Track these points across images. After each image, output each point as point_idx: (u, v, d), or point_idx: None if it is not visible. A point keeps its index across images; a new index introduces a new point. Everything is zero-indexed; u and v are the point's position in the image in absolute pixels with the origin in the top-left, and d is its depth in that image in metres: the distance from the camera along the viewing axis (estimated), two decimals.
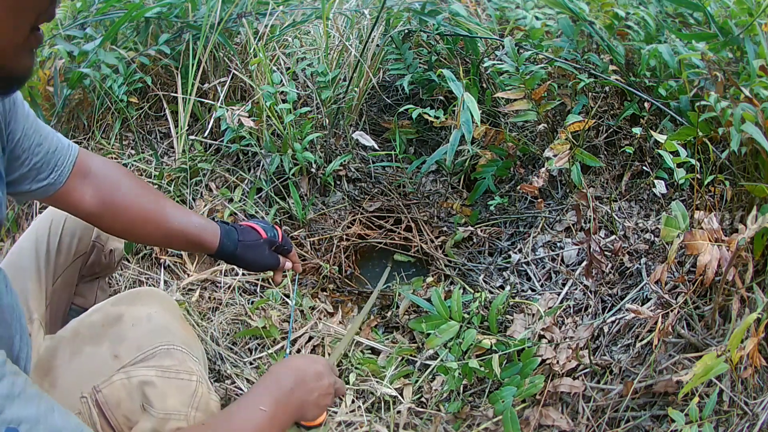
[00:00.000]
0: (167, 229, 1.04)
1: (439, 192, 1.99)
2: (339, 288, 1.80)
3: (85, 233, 1.15)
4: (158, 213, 1.04)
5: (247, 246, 1.11)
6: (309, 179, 1.93)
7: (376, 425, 1.28)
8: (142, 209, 1.03)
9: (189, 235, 1.05)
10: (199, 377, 0.88)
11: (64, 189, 0.95)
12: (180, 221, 1.05)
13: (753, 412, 1.05)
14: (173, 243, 1.10)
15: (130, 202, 1.02)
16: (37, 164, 0.90)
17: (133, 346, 0.89)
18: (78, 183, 0.97)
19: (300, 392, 0.94)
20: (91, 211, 0.99)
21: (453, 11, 1.85)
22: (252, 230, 1.14)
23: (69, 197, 0.97)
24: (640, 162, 1.66)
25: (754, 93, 1.22)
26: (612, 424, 1.16)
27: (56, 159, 0.94)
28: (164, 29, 2.04)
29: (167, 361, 0.87)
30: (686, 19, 1.71)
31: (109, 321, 0.93)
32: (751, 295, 1.13)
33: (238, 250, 1.09)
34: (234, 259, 1.11)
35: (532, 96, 1.60)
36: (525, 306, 1.48)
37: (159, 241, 1.18)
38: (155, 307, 0.95)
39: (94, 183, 0.99)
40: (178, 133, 1.97)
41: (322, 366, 1.01)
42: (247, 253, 1.11)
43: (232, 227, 1.12)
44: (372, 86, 2.02)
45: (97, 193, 0.99)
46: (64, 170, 0.95)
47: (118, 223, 1.02)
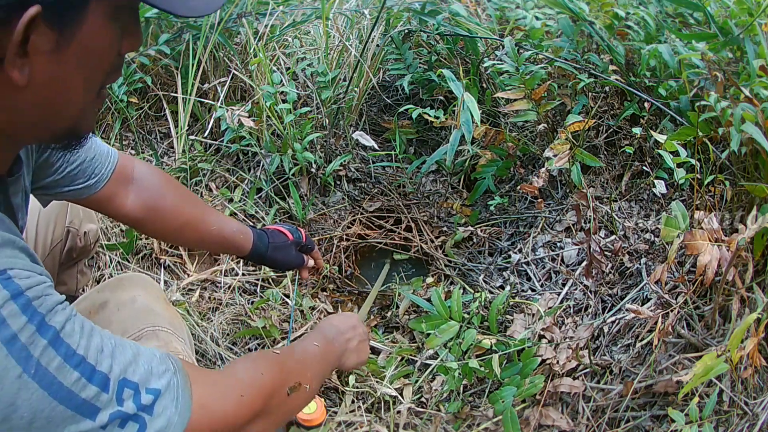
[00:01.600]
0: (206, 233, 1.11)
1: (439, 192, 1.99)
2: (339, 288, 1.80)
3: (59, 219, 1.15)
4: (198, 218, 1.10)
5: (277, 247, 1.21)
6: (309, 179, 1.93)
7: (376, 425, 1.28)
8: (183, 215, 1.08)
9: (226, 239, 1.13)
10: (185, 357, 0.90)
11: (103, 194, 0.97)
12: (218, 226, 1.12)
13: (753, 412, 1.05)
14: (209, 246, 1.18)
15: (172, 208, 1.06)
16: (72, 172, 0.90)
17: (119, 329, 0.91)
18: (119, 189, 0.99)
19: (340, 340, 1.08)
20: (133, 216, 1.02)
21: (453, 11, 1.85)
22: (279, 233, 1.24)
23: (109, 203, 0.99)
24: (640, 162, 1.66)
25: (754, 93, 1.22)
26: (612, 424, 1.16)
27: (93, 167, 0.94)
28: (164, 29, 2.04)
29: (153, 342, 0.90)
30: (686, 19, 1.71)
31: (95, 308, 0.95)
32: (751, 295, 1.13)
33: (269, 252, 1.19)
34: (264, 260, 1.20)
35: (532, 96, 1.60)
36: (525, 306, 1.48)
37: (196, 245, 1.28)
38: (138, 290, 0.97)
39: (136, 189, 1.02)
40: (178, 133, 1.97)
41: (356, 320, 1.16)
42: (277, 254, 1.21)
43: (262, 231, 1.22)
44: (372, 86, 2.02)
45: (139, 200, 1.02)
46: (102, 177, 0.96)
47: (159, 228, 1.07)
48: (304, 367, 0.90)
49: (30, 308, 0.53)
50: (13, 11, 0.50)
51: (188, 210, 1.09)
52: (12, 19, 0.50)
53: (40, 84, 0.55)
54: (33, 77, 0.54)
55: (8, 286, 0.52)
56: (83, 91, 0.60)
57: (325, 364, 1.00)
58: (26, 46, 0.52)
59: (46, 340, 0.54)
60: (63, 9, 0.53)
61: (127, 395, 0.59)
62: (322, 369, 0.99)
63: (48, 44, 0.53)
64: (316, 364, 0.96)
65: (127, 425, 0.59)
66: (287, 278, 1.70)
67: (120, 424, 0.58)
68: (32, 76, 0.54)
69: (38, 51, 0.53)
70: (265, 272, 1.73)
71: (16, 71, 0.53)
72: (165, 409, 0.62)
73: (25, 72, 0.53)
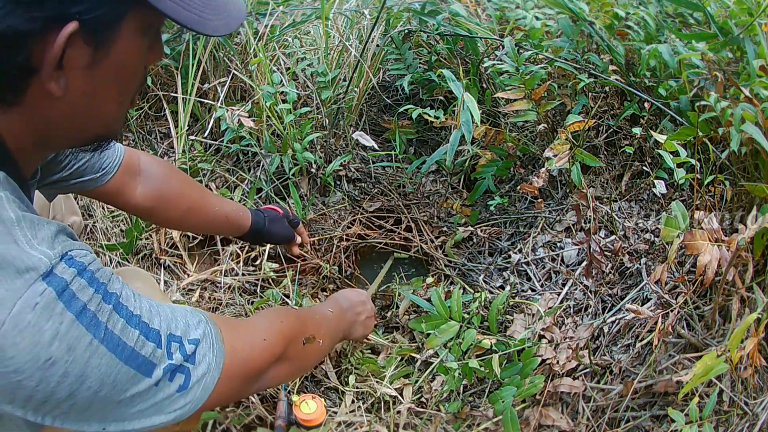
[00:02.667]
0: (210, 214, 1.20)
1: (439, 192, 1.99)
2: (339, 288, 1.80)
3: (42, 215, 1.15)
4: (201, 201, 1.19)
5: (272, 220, 1.34)
6: (309, 179, 1.93)
7: (376, 425, 1.28)
8: (189, 200, 1.17)
9: (228, 217, 1.23)
10: None
11: (112, 186, 1.03)
12: (221, 207, 1.22)
13: (753, 412, 1.05)
14: (214, 226, 1.26)
15: (177, 194, 1.14)
16: (80, 168, 0.95)
17: None
18: (128, 180, 1.05)
19: (352, 312, 1.23)
20: (143, 206, 1.09)
21: (453, 11, 1.85)
22: (270, 209, 1.39)
23: (119, 194, 1.05)
24: (640, 162, 1.66)
25: (754, 93, 1.22)
26: (612, 424, 1.16)
27: (102, 161, 1.00)
28: (164, 29, 2.03)
29: None
30: (686, 19, 1.71)
31: None
32: (751, 295, 1.13)
33: (266, 224, 1.32)
34: (262, 233, 1.31)
35: (532, 96, 1.60)
36: (525, 306, 1.48)
37: (202, 228, 1.37)
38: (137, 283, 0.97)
39: (144, 180, 1.08)
40: (178, 133, 1.97)
41: (366, 297, 1.31)
42: (273, 227, 1.33)
43: (256, 209, 1.35)
44: (372, 86, 2.02)
45: (148, 189, 1.09)
46: (110, 169, 1.01)
47: (167, 215, 1.14)
48: (318, 325, 0.99)
49: (95, 281, 0.59)
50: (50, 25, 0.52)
51: (192, 194, 1.18)
52: (48, 32, 0.52)
53: (76, 95, 0.58)
54: (69, 89, 0.56)
55: (73, 265, 0.57)
56: (117, 103, 0.63)
57: (336, 328, 1.11)
58: (62, 60, 0.54)
59: (111, 305, 0.59)
60: (99, 26, 0.55)
61: (174, 348, 0.64)
62: (334, 332, 1.09)
63: (84, 59, 0.56)
64: (329, 325, 1.06)
65: (175, 377, 0.64)
66: (287, 278, 1.71)
67: (170, 377, 0.64)
68: (68, 88, 0.56)
69: (74, 65, 0.55)
70: (265, 272, 1.73)
71: (53, 83, 0.55)
72: (204, 356, 0.68)
73: (61, 84, 0.56)
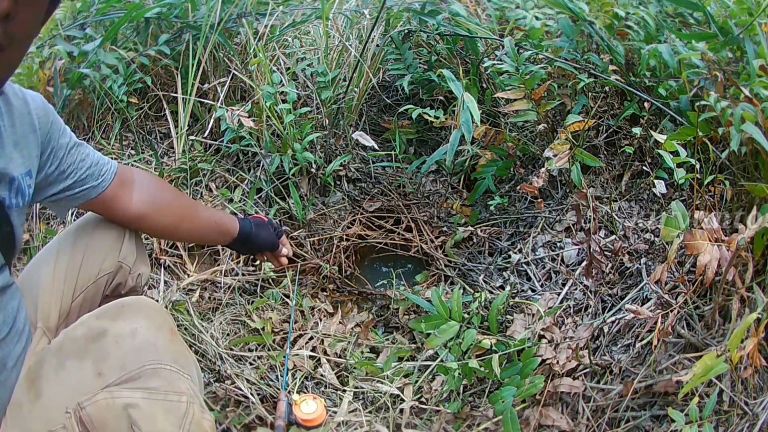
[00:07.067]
0: (200, 222, 1.25)
1: (439, 192, 1.99)
2: (339, 288, 1.80)
3: (111, 252, 1.13)
4: (191, 210, 1.24)
5: (258, 225, 1.37)
6: (309, 179, 1.93)
7: (376, 425, 1.28)
8: (181, 208, 1.22)
9: (218, 224, 1.28)
10: (189, 397, 0.84)
11: (109, 193, 1.08)
12: (210, 215, 1.28)
13: (753, 412, 1.05)
14: (205, 234, 1.29)
15: (168, 203, 1.19)
16: (82, 176, 1.03)
17: (117, 365, 0.84)
18: (123, 189, 1.10)
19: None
20: (138, 213, 1.12)
21: (453, 11, 1.85)
22: (255, 217, 1.42)
23: (115, 202, 1.10)
24: (640, 162, 1.66)
25: (754, 93, 1.22)
26: (612, 424, 1.16)
27: (100, 169, 1.06)
28: (164, 29, 2.04)
29: (154, 381, 0.83)
30: (686, 19, 1.71)
31: (92, 336, 0.87)
32: (751, 295, 1.13)
33: (254, 229, 1.34)
34: (250, 238, 1.33)
35: (532, 96, 1.60)
36: (525, 306, 1.48)
37: (193, 236, 1.39)
38: (141, 321, 0.89)
39: (138, 188, 1.13)
40: (178, 133, 1.97)
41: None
42: (260, 232, 1.36)
43: (242, 217, 1.39)
44: (372, 86, 2.02)
45: (142, 198, 1.13)
46: (107, 177, 1.07)
47: (160, 223, 1.18)
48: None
49: None
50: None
51: (182, 203, 1.24)
52: None
53: None
54: None
55: None
56: None
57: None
58: None
59: None
60: None
61: None
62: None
63: None
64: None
65: None
66: (287, 278, 1.71)
67: None
68: None
69: None
70: (265, 272, 1.73)
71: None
72: None
73: None
